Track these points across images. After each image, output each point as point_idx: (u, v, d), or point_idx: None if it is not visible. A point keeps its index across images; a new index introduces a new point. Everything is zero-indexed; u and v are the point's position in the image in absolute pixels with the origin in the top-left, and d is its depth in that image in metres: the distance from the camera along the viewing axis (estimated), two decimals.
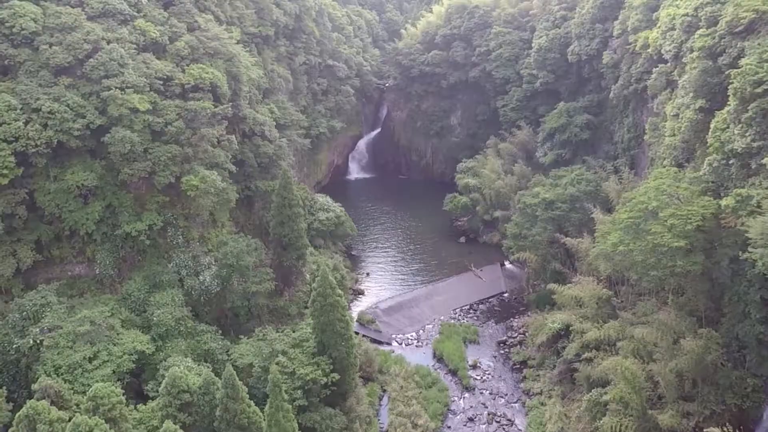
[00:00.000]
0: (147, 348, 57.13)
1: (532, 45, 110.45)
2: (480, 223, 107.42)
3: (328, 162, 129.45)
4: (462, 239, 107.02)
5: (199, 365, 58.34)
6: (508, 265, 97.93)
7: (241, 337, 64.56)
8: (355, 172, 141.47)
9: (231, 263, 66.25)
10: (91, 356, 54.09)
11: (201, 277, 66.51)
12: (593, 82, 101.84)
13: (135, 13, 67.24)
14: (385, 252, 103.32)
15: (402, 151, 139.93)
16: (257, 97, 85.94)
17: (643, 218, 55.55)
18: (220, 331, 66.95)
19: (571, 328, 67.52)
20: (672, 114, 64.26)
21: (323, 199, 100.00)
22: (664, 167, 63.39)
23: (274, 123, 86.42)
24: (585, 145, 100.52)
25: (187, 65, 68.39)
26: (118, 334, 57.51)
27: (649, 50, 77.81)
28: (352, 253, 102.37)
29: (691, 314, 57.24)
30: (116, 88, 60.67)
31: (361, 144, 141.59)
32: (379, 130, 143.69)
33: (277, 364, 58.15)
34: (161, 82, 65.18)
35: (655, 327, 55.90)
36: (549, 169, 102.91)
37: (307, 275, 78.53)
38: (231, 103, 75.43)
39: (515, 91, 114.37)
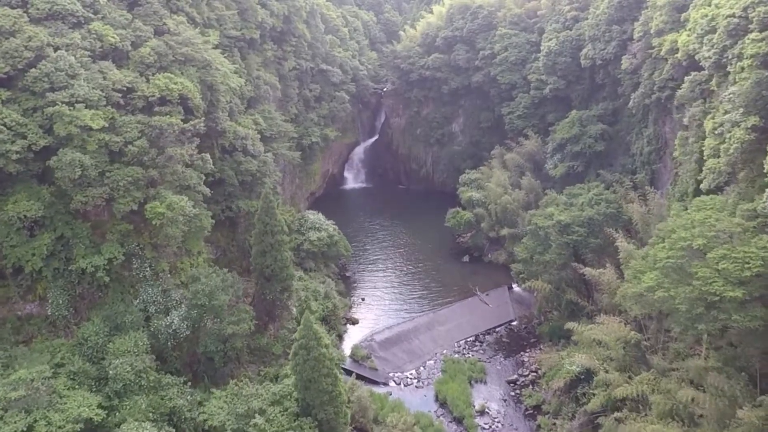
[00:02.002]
0: (96, 414, 47.09)
1: (541, 48, 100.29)
2: (485, 241, 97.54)
3: (323, 172, 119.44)
4: (465, 258, 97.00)
5: (160, 431, 48.57)
6: (516, 287, 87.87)
7: (213, 391, 54.66)
8: (351, 182, 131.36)
9: (202, 303, 56.23)
10: (25, 429, 44.05)
11: (168, 319, 56.56)
12: (608, 88, 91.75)
13: (91, 15, 57.12)
14: (383, 272, 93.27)
15: (401, 159, 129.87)
16: (239, 108, 75.84)
17: (686, 258, 45.48)
18: (191, 382, 57.26)
19: (593, 375, 57.77)
20: (713, 131, 54.08)
21: (315, 216, 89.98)
22: (707, 194, 53.27)
23: (259, 136, 76.32)
24: (599, 157, 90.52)
25: (153, 74, 58.14)
26: (61, 397, 47.45)
27: (678, 55, 67.71)
28: (347, 274, 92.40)
29: (741, 370, 47.31)
30: (63, 102, 50.50)
31: (358, 152, 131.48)
32: (376, 137, 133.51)
33: (253, 426, 48.44)
34: (120, 95, 55.04)
35: (704, 390, 45.83)
36: (560, 182, 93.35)
37: (293, 309, 68.59)
38: (207, 116, 65.52)
39: (522, 97, 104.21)
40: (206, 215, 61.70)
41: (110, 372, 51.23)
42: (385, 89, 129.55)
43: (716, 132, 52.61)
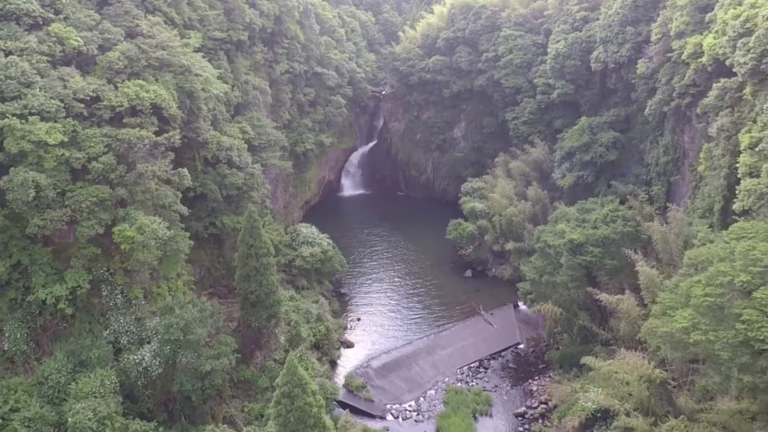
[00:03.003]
0: None
1: (548, 50, 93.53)
2: (488, 254, 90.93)
3: (318, 179, 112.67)
4: (468, 273, 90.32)
5: None
6: (522, 306, 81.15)
7: None
8: (348, 189, 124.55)
9: (176, 338, 49.56)
10: None
11: (138, 355, 50.00)
12: (620, 93, 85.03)
13: (51, 16, 50.45)
14: (380, 289, 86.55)
15: (400, 165, 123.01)
16: (225, 116, 69.23)
17: (727, 297, 38.84)
18: (166, 422, 50.86)
19: (612, 415, 51.21)
20: (751, 146, 47.35)
21: (308, 230, 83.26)
22: (739, 216, 46.60)
23: (246, 146, 69.70)
24: (611, 166, 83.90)
25: (123, 82, 51.42)
26: None
27: (702, 60, 61.17)
28: (341, 290, 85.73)
29: None
30: (14, 115, 43.84)
31: (356, 158, 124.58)
32: (374, 142, 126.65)
33: None
34: (83, 105, 48.33)
35: None
36: (568, 192, 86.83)
37: (281, 337, 61.95)
38: (186, 126, 59.05)
39: (527, 102, 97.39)
40: (183, 237, 55.08)
41: (69, 419, 44.67)
42: (383, 92, 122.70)
43: (756, 149, 45.81)
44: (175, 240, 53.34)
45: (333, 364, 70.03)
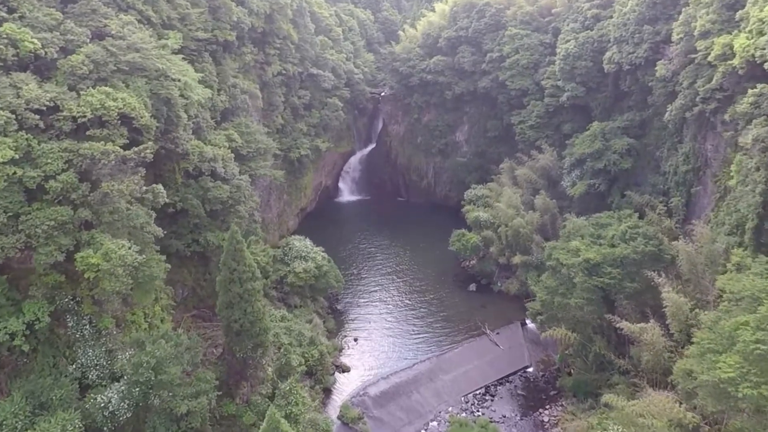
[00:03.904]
0: None
1: (556, 50, 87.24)
2: (494, 266, 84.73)
3: (315, 185, 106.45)
4: (472, 287, 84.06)
5: None
6: (530, 324, 74.94)
7: None
8: (346, 194, 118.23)
9: (146, 379, 43.38)
10: None
11: (105, 396, 43.87)
12: (635, 96, 78.62)
13: (3, 15, 44.12)
14: (379, 305, 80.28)
15: (400, 170, 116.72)
16: (209, 123, 62.91)
17: None
18: None
19: None
20: None
21: (301, 243, 77.03)
22: None
23: (233, 155, 63.40)
24: (624, 175, 77.58)
25: (89, 88, 45.12)
26: None
27: (733, 62, 54.78)
28: (337, 306, 79.49)
29: None
30: None
31: (354, 162, 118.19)
32: (373, 145, 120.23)
33: None
34: (39, 117, 42.02)
35: None
36: (578, 202, 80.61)
37: (269, 368, 55.70)
38: (164, 136, 52.81)
39: (534, 105, 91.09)
40: (158, 260, 48.80)
41: None
42: (382, 94, 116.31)
43: None
44: (148, 265, 47.06)
45: (327, 391, 63.90)
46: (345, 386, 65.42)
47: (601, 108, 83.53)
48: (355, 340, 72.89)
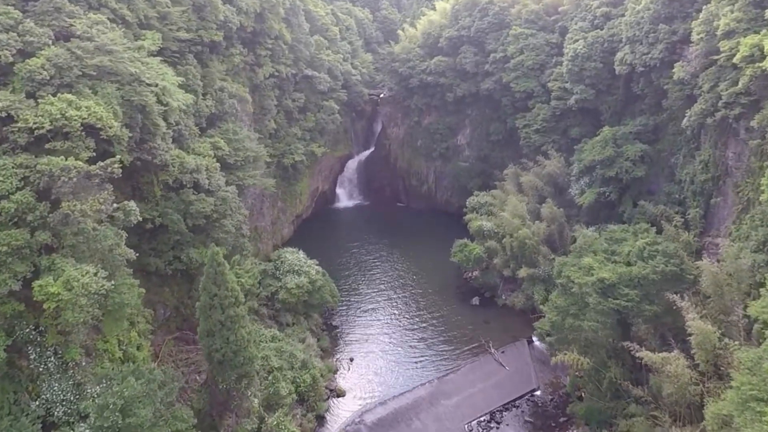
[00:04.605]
0: None
1: (564, 51, 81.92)
2: (498, 279, 79.57)
3: (311, 191, 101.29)
4: (475, 300, 78.97)
5: None
6: (536, 341, 69.86)
7: None
8: (344, 200, 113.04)
9: (113, 423, 38.29)
10: None
11: None
12: (648, 100, 73.37)
13: None
14: (376, 321, 75.21)
15: (400, 174, 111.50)
16: (192, 131, 57.75)
17: None
18: None
19: None
20: None
21: (293, 256, 71.92)
22: None
23: (218, 165, 58.25)
24: (637, 183, 72.33)
25: (48, 95, 39.98)
26: None
27: (763, 64, 49.50)
28: (332, 322, 74.38)
29: None
30: None
31: (352, 166, 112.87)
32: (372, 149, 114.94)
33: None
34: None
35: None
36: (587, 211, 75.44)
37: (255, 400, 50.58)
38: (139, 147, 47.71)
39: (540, 108, 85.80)
40: (131, 285, 43.70)
41: None
42: (381, 95, 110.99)
43: None
44: (118, 291, 42.04)
45: (320, 419, 58.89)
46: (340, 412, 60.43)
47: (612, 112, 78.31)
48: (351, 360, 67.82)
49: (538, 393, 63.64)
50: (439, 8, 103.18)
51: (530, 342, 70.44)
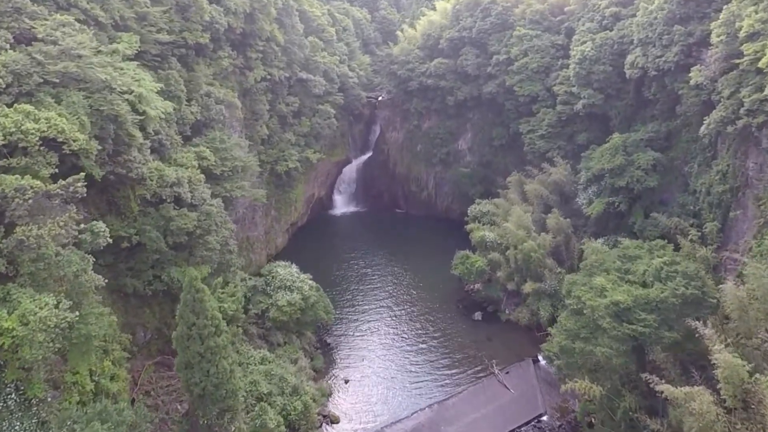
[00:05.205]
0: None
1: (571, 53, 77.45)
2: (501, 292, 75.12)
3: (306, 197, 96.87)
4: (477, 315, 74.53)
5: None
6: (542, 361, 65.42)
7: None
8: (341, 206, 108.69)
9: None
10: None
11: None
12: (660, 105, 69.06)
13: None
14: (373, 338, 70.70)
15: (398, 180, 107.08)
16: (174, 140, 53.26)
17: None
18: None
19: None
20: None
21: (285, 270, 67.53)
22: None
23: (203, 177, 53.79)
24: (648, 192, 67.85)
25: (4, 106, 35.50)
26: None
27: None
28: (327, 339, 69.91)
29: None
30: None
31: (349, 171, 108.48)
32: (370, 153, 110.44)
33: None
34: None
35: None
36: (595, 222, 71.07)
37: None
38: (113, 160, 43.27)
39: (545, 113, 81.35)
40: (99, 315, 39.25)
41: None
42: (380, 98, 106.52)
43: None
44: (85, 322, 37.63)
45: None
46: None
47: (621, 117, 73.89)
48: (346, 381, 63.36)
49: (545, 419, 59.22)
50: (440, 8, 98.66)
51: (536, 361, 66.02)
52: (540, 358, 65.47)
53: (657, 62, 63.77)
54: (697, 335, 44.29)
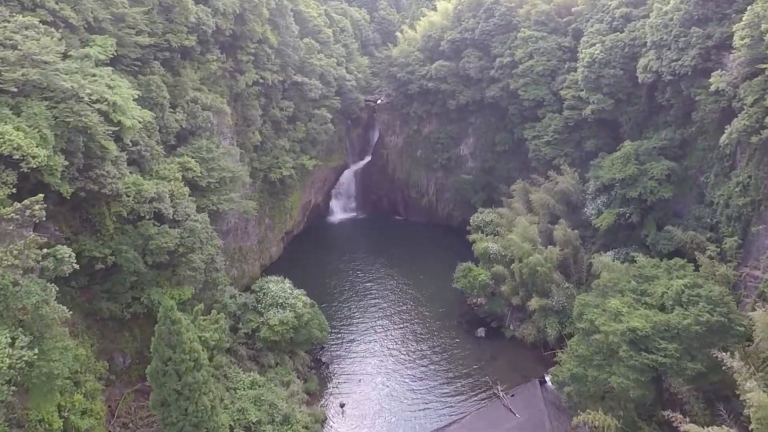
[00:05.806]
0: None
1: (578, 56, 73.14)
2: (505, 307, 70.87)
3: (302, 204, 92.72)
4: (480, 332, 70.33)
5: None
6: (549, 382, 61.11)
7: None
8: (338, 213, 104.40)
9: None
10: None
11: None
12: (674, 111, 64.74)
13: None
14: (370, 357, 66.40)
15: (398, 185, 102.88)
16: (156, 151, 49.01)
17: None
18: None
19: None
20: None
21: (277, 286, 63.22)
22: None
23: (187, 190, 49.56)
24: (661, 204, 63.53)
25: None
26: None
27: None
28: (321, 358, 65.66)
29: None
30: None
31: (347, 177, 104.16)
32: (369, 158, 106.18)
33: None
34: None
35: None
36: (605, 233, 66.91)
37: None
38: (84, 175, 39.04)
39: (552, 118, 77.06)
40: (64, 350, 35.00)
41: None
42: (379, 101, 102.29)
43: None
44: (46, 359, 33.45)
45: None
46: None
47: (632, 123, 69.63)
48: (342, 405, 59.14)
49: None
50: (441, 8, 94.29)
51: (542, 382, 61.79)
52: (547, 379, 61.23)
53: (672, 66, 59.44)
54: (723, 367, 40.15)
